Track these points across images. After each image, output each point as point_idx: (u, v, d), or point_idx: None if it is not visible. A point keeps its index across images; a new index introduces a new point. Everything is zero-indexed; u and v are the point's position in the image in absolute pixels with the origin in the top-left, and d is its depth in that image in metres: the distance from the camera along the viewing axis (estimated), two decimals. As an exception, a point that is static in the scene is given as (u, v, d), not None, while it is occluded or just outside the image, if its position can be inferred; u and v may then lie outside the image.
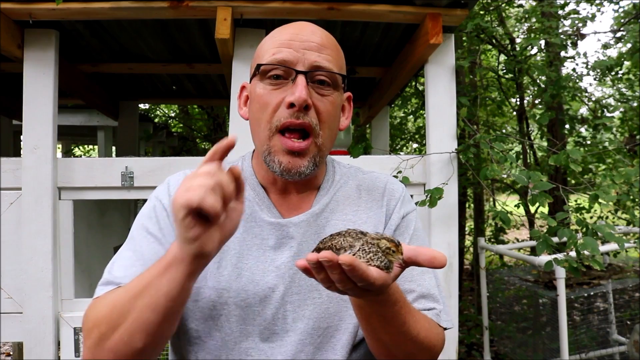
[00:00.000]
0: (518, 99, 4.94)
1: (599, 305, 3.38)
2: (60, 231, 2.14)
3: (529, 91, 4.88)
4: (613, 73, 4.17)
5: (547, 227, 2.01)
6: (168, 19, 2.11)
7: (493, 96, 5.17)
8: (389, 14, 2.06)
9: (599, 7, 4.70)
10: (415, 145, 6.43)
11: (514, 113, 5.54)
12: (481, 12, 4.13)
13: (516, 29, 5.67)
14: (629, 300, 3.48)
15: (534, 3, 5.03)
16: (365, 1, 2.02)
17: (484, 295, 3.21)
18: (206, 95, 3.84)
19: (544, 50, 4.51)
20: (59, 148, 4.82)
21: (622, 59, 4.28)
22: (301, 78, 0.85)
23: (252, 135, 0.93)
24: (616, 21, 4.87)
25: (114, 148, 4.79)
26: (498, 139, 2.23)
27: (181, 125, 6.85)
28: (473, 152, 2.16)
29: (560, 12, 4.09)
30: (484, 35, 3.88)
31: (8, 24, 2.00)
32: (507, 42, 4.62)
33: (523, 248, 4.01)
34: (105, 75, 3.21)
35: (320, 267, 0.65)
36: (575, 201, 4.74)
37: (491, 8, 4.27)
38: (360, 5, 2.02)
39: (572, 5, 4.47)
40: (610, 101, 4.89)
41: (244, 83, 0.99)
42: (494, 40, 4.37)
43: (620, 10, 4.84)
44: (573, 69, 4.33)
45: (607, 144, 3.99)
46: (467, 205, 6.07)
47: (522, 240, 5.26)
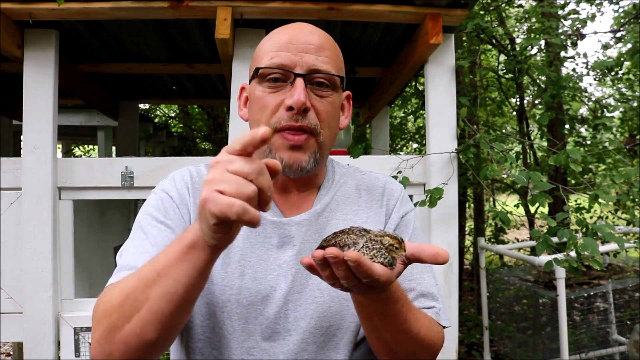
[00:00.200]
0: (518, 99, 4.94)
1: (599, 305, 3.38)
2: (60, 231, 2.14)
3: (529, 91, 4.88)
4: (613, 73, 4.17)
5: (547, 227, 2.01)
6: (168, 19, 2.12)
7: (493, 96, 5.17)
8: (388, 14, 2.06)
9: (599, 7, 4.70)
10: (415, 145, 6.44)
11: (514, 113, 5.55)
12: (481, 12, 4.13)
13: (516, 29, 5.67)
14: (629, 300, 3.48)
15: (534, 3, 5.03)
16: (365, 1, 2.02)
17: (484, 295, 3.21)
18: (206, 95, 3.84)
19: (544, 51, 4.51)
20: (59, 148, 4.82)
21: (622, 59, 4.28)
22: (300, 81, 0.86)
23: None
24: (616, 21, 4.87)
25: (114, 148, 4.80)
26: (498, 139, 2.23)
27: (181, 125, 6.85)
28: (473, 152, 2.17)
29: (560, 12, 4.09)
30: (484, 35, 3.87)
31: (8, 24, 2.00)
32: (507, 42, 4.62)
33: (523, 248, 4.01)
34: (105, 75, 3.21)
35: (326, 263, 0.66)
36: (575, 201, 4.75)
37: (491, 8, 4.27)
38: (360, 5, 2.02)
39: (572, 5, 4.48)
40: (610, 101, 4.89)
41: (244, 84, 0.99)
42: (494, 40, 4.37)
43: (620, 10, 4.84)
44: (573, 69, 4.33)
45: (607, 144, 3.99)
46: (467, 205, 6.07)
47: (522, 240, 5.26)
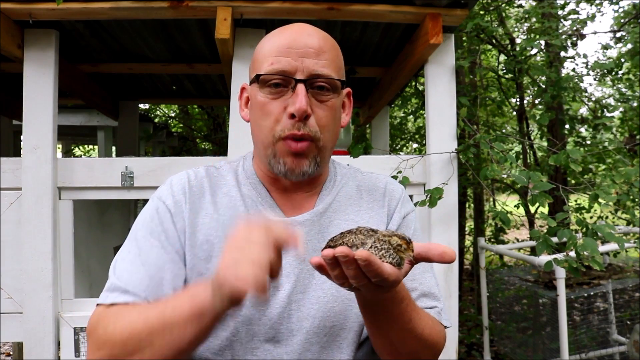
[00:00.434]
0: (518, 99, 4.93)
1: (599, 305, 3.38)
2: (60, 231, 2.14)
3: (529, 91, 4.88)
4: (613, 74, 4.17)
5: (547, 227, 2.01)
6: (168, 19, 2.11)
7: (493, 96, 5.17)
8: (388, 14, 2.06)
9: (598, 7, 4.70)
10: (415, 145, 6.43)
11: (514, 113, 5.54)
12: (481, 12, 4.13)
13: (516, 29, 5.67)
14: (629, 300, 3.48)
15: (534, 3, 5.03)
16: (365, 1, 2.02)
17: (484, 295, 3.21)
18: (206, 95, 3.84)
19: (544, 51, 4.51)
20: (59, 148, 4.82)
21: (622, 60, 4.27)
22: (301, 87, 0.86)
23: (253, 138, 0.94)
24: (616, 21, 4.87)
25: (114, 148, 4.79)
26: (498, 139, 2.23)
27: (181, 125, 6.85)
28: (473, 152, 2.16)
29: (560, 12, 4.09)
30: (484, 35, 3.87)
31: (8, 24, 2.00)
32: (507, 42, 4.62)
33: (523, 248, 4.00)
34: (105, 75, 3.21)
35: (336, 263, 0.67)
36: (575, 201, 4.75)
37: (491, 8, 4.27)
38: (360, 5, 2.02)
39: (572, 5, 4.48)
40: (610, 101, 4.89)
41: (244, 84, 0.99)
42: (494, 40, 4.36)
43: (620, 10, 4.84)
44: (573, 69, 4.33)
45: (607, 144, 3.99)
46: (467, 205, 6.06)
47: (522, 240, 5.26)
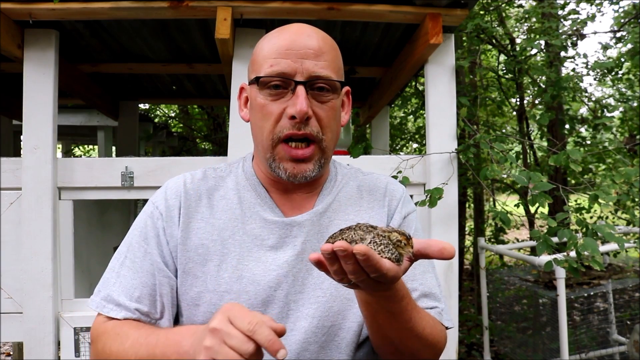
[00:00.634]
0: (518, 99, 4.93)
1: (599, 305, 3.38)
2: (60, 231, 2.14)
3: (529, 91, 4.87)
4: (613, 73, 4.17)
5: (547, 227, 2.01)
6: (168, 19, 2.11)
7: (493, 96, 5.17)
8: (388, 14, 2.06)
9: (598, 7, 4.69)
10: (415, 145, 6.43)
11: (514, 113, 5.54)
12: (481, 12, 4.13)
13: (516, 29, 5.67)
14: (629, 300, 3.48)
15: (534, 3, 5.03)
16: (365, 1, 2.02)
17: (484, 295, 3.21)
18: (206, 95, 3.84)
19: (544, 51, 4.50)
20: (59, 148, 4.83)
21: (622, 59, 4.27)
22: (301, 89, 0.86)
23: (254, 139, 0.94)
24: (616, 21, 4.86)
25: (114, 148, 4.79)
26: (498, 139, 2.23)
27: (181, 125, 6.85)
28: (473, 152, 2.16)
29: (560, 12, 4.09)
30: (484, 35, 3.87)
31: (8, 24, 2.00)
32: (507, 42, 4.61)
33: (523, 248, 4.00)
34: (105, 75, 3.21)
35: (335, 258, 0.66)
36: (575, 201, 4.74)
37: (491, 8, 4.26)
38: (360, 5, 2.02)
39: (572, 5, 4.47)
40: (610, 101, 4.89)
41: (243, 84, 0.99)
42: (494, 40, 4.36)
43: (620, 10, 4.84)
44: (573, 69, 4.32)
45: (607, 144, 3.99)
46: (467, 205, 6.06)
47: (522, 240, 5.26)
